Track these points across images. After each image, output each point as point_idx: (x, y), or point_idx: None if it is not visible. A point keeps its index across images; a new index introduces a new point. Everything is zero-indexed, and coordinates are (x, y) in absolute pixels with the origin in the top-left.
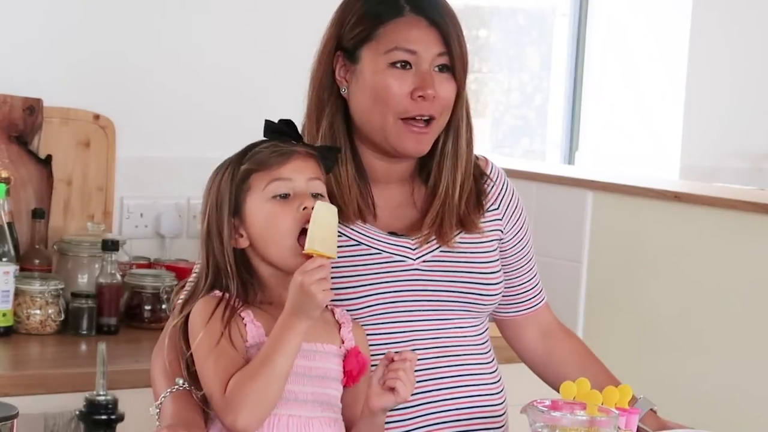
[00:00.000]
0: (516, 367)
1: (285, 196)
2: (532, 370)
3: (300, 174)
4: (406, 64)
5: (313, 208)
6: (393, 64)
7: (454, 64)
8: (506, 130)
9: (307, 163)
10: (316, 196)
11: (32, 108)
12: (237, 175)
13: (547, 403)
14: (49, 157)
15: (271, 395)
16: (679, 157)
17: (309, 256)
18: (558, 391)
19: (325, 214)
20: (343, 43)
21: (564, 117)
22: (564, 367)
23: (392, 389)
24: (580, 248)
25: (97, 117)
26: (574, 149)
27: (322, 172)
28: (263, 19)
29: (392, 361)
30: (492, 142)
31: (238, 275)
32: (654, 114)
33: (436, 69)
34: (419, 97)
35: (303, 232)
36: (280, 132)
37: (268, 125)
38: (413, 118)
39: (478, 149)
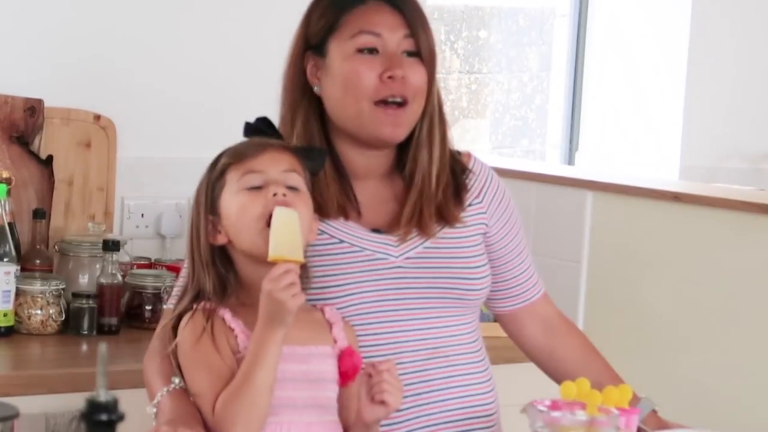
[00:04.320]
0: (515, 368)
1: (258, 188)
2: (534, 363)
3: (274, 166)
4: (373, 50)
5: (273, 212)
6: (360, 51)
7: (421, 47)
8: (506, 131)
9: (282, 155)
10: (291, 188)
11: (33, 108)
12: (214, 173)
13: (547, 403)
14: (50, 158)
15: (259, 410)
16: (679, 157)
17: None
18: (559, 384)
19: (285, 219)
20: (311, 41)
21: (564, 117)
22: (566, 363)
23: (382, 401)
24: (580, 248)
25: (97, 117)
26: (574, 149)
27: (301, 166)
28: (264, 20)
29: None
30: (492, 142)
31: (215, 272)
32: (654, 114)
33: (405, 54)
34: (388, 78)
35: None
36: (259, 131)
37: (247, 126)
38: (386, 102)
39: (479, 150)
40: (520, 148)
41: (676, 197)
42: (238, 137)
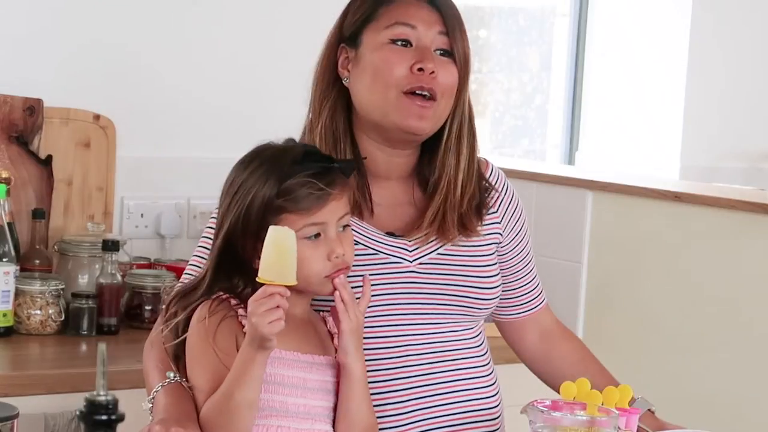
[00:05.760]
0: (516, 368)
1: (316, 236)
2: (531, 370)
3: (333, 215)
4: (406, 43)
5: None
6: (393, 41)
7: (454, 48)
8: (506, 131)
9: (340, 202)
10: (344, 228)
11: (32, 108)
12: (270, 208)
13: (548, 403)
14: (49, 158)
15: (240, 426)
16: (678, 157)
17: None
18: (557, 392)
19: (279, 240)
20: (345, 32)
21: (564, 117)
22: (563, 368)
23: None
24: (580, 248)
25: (97, 117)
26: (574, 149)
27: (348, 195)
28: (264, 20)
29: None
30: (492, 142)
31: (239, 280)
32: (654, 114)
33: (438, 53)
34: (418, 70)
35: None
36: (316, 158)
37: (306, 154)
38: (414, 93)
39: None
40: (520, 148)
41: (677, 197)
42: (237, 137)
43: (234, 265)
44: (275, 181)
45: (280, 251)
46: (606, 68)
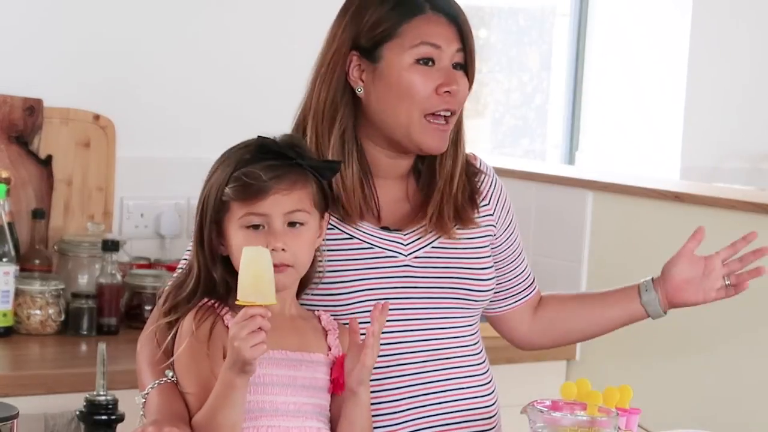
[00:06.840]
0: (515, 368)
1: (257, 227)
2: (542, 348)
3: (277, 208)
4: (429, 61)
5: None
6: (418, 61)
7: (468, 61)
8: (506, 130)
9: (288, 197)
10: (293, 224)
11: (32, 108)
12: (221, 193)
13: (548, 403)
14: (49, 158)
15: None
16: (679, 157)
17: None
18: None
19: (254, 259)
20: (361, 43)
21: (564, 117)
22: (565, 323)
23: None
24: (580, 248)
25: (97, 117)
26: (574, 149)
27: (310, 200)
28: (264, 21)
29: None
30: (492, 142)
31: (221, 272)
32: (654, 114)
33: (456, 67)
34: (445, 92)
35: None
36: (274, 154)
37: (263, 145)
38: (436, 115)
39: (479, 149)
40: (520, 148)
41: (677, 197)
42: (237, 137)
43: (212, 255)
44: (230, 171)
45: (256, 271)
46: (606, 68)
